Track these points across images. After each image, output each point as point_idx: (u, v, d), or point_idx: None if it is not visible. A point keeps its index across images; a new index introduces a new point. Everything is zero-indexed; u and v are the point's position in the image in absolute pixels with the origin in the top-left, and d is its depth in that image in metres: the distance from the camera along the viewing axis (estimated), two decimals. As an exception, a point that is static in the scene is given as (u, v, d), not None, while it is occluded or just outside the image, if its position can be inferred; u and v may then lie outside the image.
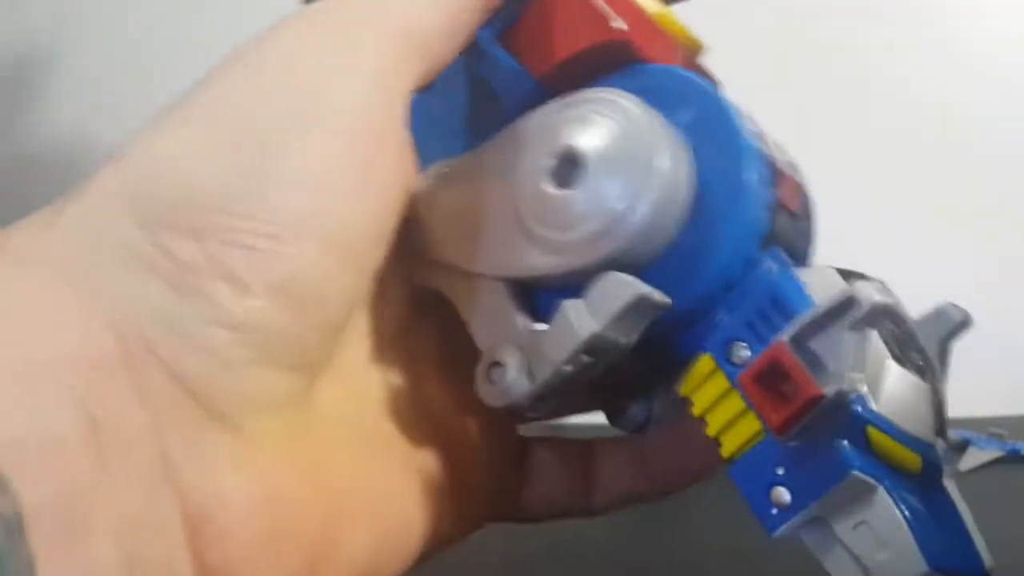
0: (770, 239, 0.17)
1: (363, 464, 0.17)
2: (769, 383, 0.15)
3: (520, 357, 0.17)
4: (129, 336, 0.13)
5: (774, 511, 0.16)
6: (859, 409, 0.15)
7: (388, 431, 0.18)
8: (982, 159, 0.62)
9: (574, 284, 0.17)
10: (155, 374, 0.13)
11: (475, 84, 0.21)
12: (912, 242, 0.62)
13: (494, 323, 0.18)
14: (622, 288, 0.16)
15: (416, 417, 0.19)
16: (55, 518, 0.12)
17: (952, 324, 0.18)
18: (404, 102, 0.17)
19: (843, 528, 0.15)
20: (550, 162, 0.17)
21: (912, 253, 0.62)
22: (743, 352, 0.16)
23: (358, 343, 0.18)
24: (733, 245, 0.16)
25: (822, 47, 0.59)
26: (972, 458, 0.49)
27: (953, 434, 0.52)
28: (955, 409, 0.64)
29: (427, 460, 0.18)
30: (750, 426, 0.16)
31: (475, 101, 0.21)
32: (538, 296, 0.18)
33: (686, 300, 0.17)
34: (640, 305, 0.16)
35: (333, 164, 0.15)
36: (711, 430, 0.16)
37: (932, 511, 0.16)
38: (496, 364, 0.17)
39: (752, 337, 0.16)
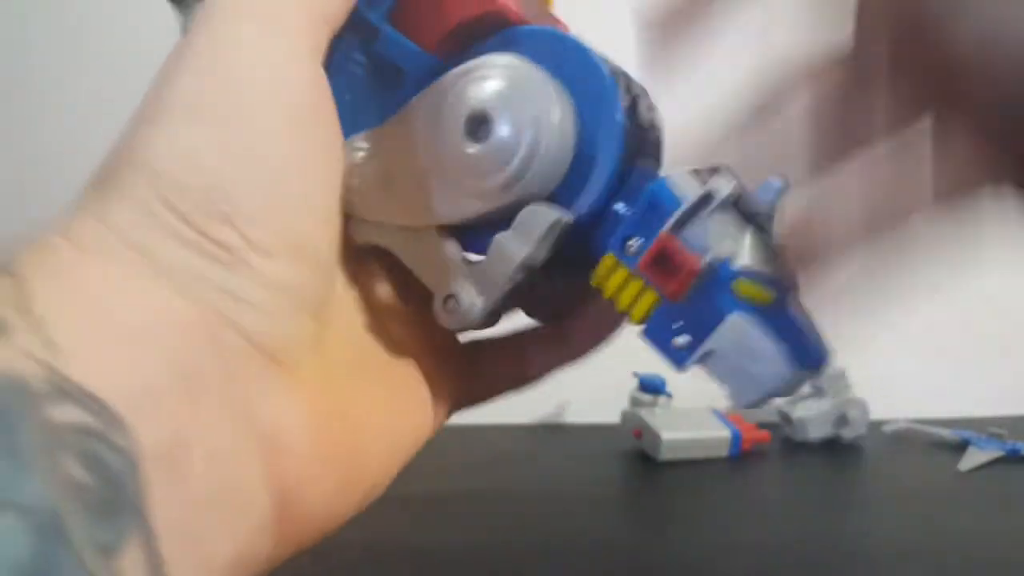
0: (636, 154, 0.22)
1: (361, 388, 0.21)
2: (660, 264, 0.21)
3: (469, 288, 0.21)
4: (199, 303, 0.16)
5: (678, 353, 0.21)
6: (728, 268, 0.21)
7: (369, 361, 0.22)
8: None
9: (496, 220, 0.21)
10: (225, 331, 0.17)
11: (371, 59, 0.23)
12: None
13: (438, 265, 0.22)
14: (541, 216, 0.21)
15: (387, 347, 0.22)
16: (161, 455, 0.14)
17: (778, 191, 0.22)
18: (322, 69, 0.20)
19: (728, 353, 0.21)
20: (464, 123, 0.21)
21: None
22: (635, 245, 0.21)
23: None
24: (610, 168, 0.21)
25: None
26: (972, 458, 0.49)
27: (953, 434, 0.52)
28: (955, 409, 0.64)
29: (402, 379, 0.22)
30: (649, 298, 0.21)
31: (374, 75, 0.23)
32: (466, 234, 0.22)
33: (583, 213, 0.21)
34: (555, 227, 0.21)
35: (299, 142, 0.18)
36: (620, 306, 0.21)
37: (786, 326, 0.21)
38: (450, 297, 0.21)
39: (640, 232, 0.21)
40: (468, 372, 0.25)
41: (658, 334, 0.21)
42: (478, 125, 0.21)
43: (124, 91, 0.63)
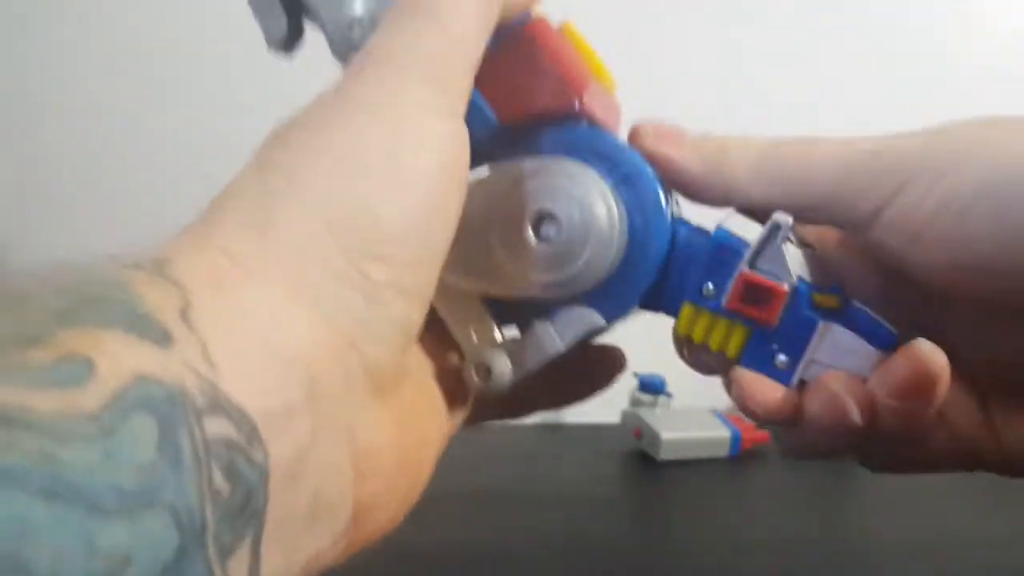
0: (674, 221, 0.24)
1: (422, 403, 0.23)
2: (747, 299, 0.23)
3: (503, 362, 0.24)
4: (336, 330, 0.18)
5: (781, 373, 0.23)
6: (805, 287, 0.23)
7: (425, 378, 0.24)
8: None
9: (541, 303, 0.24)
10: (351, 358, 0.18)
11: None
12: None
13: (474, 331, 0.24)
14: (582, 321, 0.24)
15: (431, 364, 0.24)
16: (284, 469, 0.16)
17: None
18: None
19: (826, 357, 0.23)
20: (532, 221, 0.24)
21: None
22: (711, 290, 0.23)
23: None
24: (651, 277, 0.24)
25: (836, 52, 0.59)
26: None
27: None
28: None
29: (441, 391, 0.24)
30: (740, 333, 0.24)
31: None
32: (503, 304, 0.24)
33: (636, 296, 0.24)
34: (591, 333, 0.24)
35: (446, 196, 0.20)
36: (713, 346, 0.24)
37: (863, 320, 0.24)
38: (484, 367, 0.24)
39: (714, 278, 0.23)
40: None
41: (757, 362, 0.24)
42: (544, 226, 0.24)
43: (123, 93, 0.62)
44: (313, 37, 0.25)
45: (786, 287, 0.23)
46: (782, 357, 0.23)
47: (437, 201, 0.20)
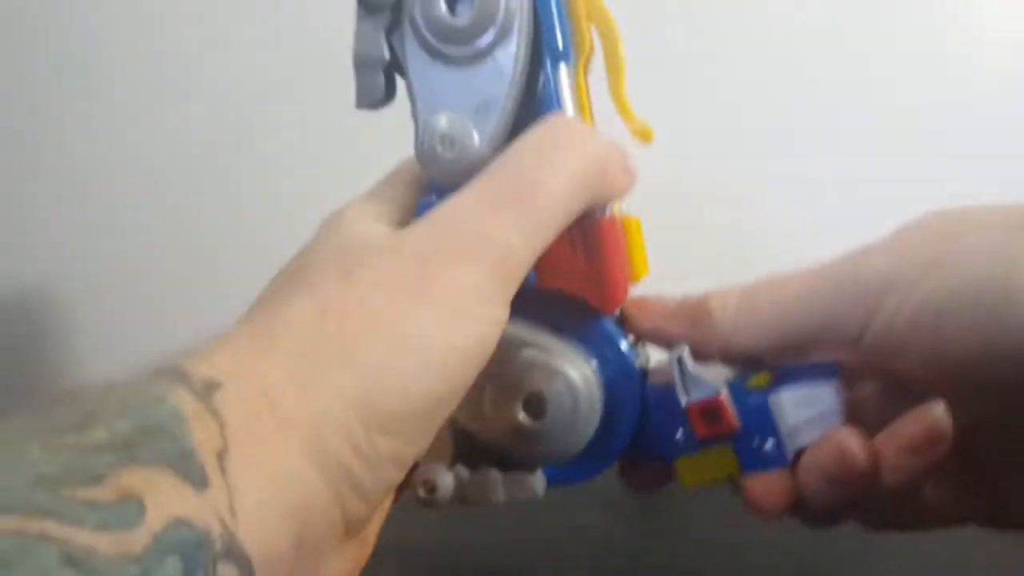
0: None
1: (371, 526, 0.24)
2: (708, 424, 0.26)
3: (448, 484, 0.26)
4: (331, 487, 0.20)
5: (774, 457, 0.26)
6: (735, 383, 0.26)
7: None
8: (982, 154, 0.62)
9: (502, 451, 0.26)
10: (334, 511, 0.20)
11: None
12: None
13: (432, 449, 0.25)
14: (531, 489, 0.27)
15: None
16: None
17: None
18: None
19: (799, 416, 0.26)
20: (523, 399, 0.26)
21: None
22: (680, 439, 0.27)
23: None
24: (631, 425, 0.27)
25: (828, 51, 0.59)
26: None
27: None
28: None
29: (390, 501, 0.26)
30: (727, 452, 0.26)
31: None
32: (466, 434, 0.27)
33: (621, 444, 0.27)
34: (533, 497, 0.27)
35: (466, 383, 0.22)
36: (720, 476, 0.27)
37: (800, 376, 0.26)
38: (432, 485, 0.26)
39: (675, 429, 0.27)
40: None
41: (753, 462, 0.26)
42: (533, 404, 0.26)
43: (122, 98, 0.62)
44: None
45: (720, 395, 0.26)
46: (768, 444, 0.26)
47: (459, 383, 0.21)
